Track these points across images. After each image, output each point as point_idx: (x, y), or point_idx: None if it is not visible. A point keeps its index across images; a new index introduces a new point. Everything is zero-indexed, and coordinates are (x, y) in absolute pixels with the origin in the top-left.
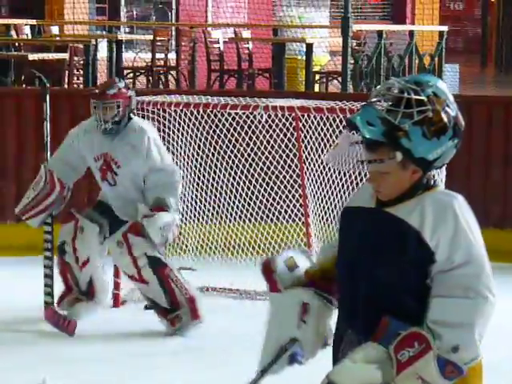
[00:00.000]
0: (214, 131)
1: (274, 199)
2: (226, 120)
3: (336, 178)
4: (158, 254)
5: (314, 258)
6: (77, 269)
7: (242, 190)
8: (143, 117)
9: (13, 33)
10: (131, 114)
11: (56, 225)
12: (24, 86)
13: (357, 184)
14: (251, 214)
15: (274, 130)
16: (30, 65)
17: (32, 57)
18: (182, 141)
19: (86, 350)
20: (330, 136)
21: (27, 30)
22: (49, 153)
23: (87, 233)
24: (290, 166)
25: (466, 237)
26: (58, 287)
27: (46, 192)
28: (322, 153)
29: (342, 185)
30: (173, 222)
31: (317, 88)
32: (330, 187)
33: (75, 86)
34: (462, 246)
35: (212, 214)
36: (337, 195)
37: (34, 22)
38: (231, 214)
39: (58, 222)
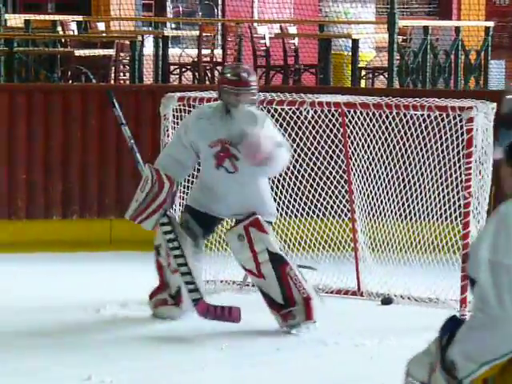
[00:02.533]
0: None
1: (320, 195)
2: (272, 116)
3: (382, 173)
4: (280, 250)
5: None
6: (169, 272)
7: (288, 185)
8: (190, 112)
9: (59, 29)
10: None
11: None
12: (70, 81)
13: (403, 180)
14: (297, 210)
15: (320, 126)
16: (76, 61)
17: (78, 53)
18: None
19: (130, 345)
20: (376, 132)
21: (73, 26)
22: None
23: (181, 243)
24: (336, 162)
25: None
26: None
27: (156, 191)
28: (369, 148)
29: (389, 180)
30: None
31: (363, 84)
32: (377, 183)
33: (121, 82)
34: None
35: None
36: (383, 191)
37: (80, 18)
38: (277, 210)
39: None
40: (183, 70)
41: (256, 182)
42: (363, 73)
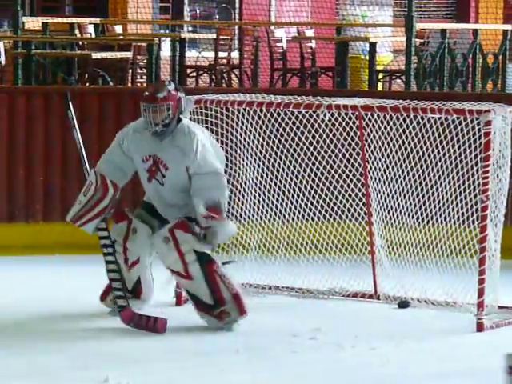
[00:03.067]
0: (277, 130)
1: (337, 198)
2: (289, 119)
3: (399, 176)
4: (206, 249)
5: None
6: (125, 269)
7: (305, 188)
8: (206, 115)
9: (76, 32)
10: (181, 116)
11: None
12: (87, 84)
13: (420, 183)
14: (314, 213)
15: (337, 129)
16: (93, 63)
17: (95, 56)
18: (244, 139)
19: (148, 348)
20: (394, 135)
21: (91, 28)
22: (85, 158)
23: (140, 234)
24: (353, 165)
25: None
26: (104, 283)
27: (99, 197)
28: (386, 151)
29: (406, 184)
30: (234, 232)
31: (380, 87)
32: (394, 186)
33: (138, 84)
34: None
35: (275, 213)
36: (400, 194)
37: (97, 20)
38: (294, 213)
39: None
40: (200, 72)
41: (185, 191)
42: (380, 76)
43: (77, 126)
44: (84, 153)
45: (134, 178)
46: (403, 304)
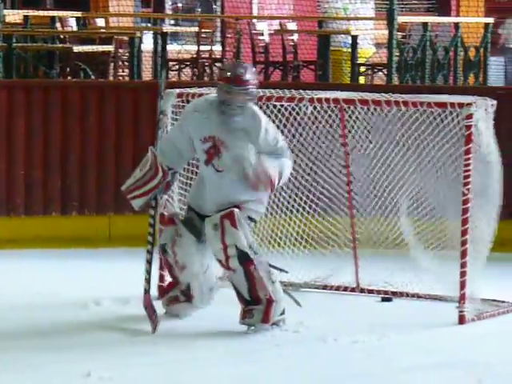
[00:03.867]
0: None
1: (319, 191)
2: (272, 112)
3: (382, 170)
4: (249, 249)
5: None
6: (178, 270)
7: (289, 181)
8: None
9: (58, 25)
10: None
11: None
12: (69, 77)
13: (403, 175)
14: (297, 206)
15: (320, 122)
16: (74, 57)
17: (77, 49)
18: None
19: (130, 342)
20: (376, 128)
21: (72, 22)
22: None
23: (185, 240)
24: (334, 158)
25: None
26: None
27: (151, 175)
28: (368, 144)
29: (387, 176)
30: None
31: (362, 80)
32: (378, 179)
33: (120, 78)
34: None
35: None
36: (381, 186)
37: (79, 14)
38: (277, 206)
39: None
40: (182, 66)
41: (237, 181)
42: (362, 69)
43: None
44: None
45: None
46: (386, 297)
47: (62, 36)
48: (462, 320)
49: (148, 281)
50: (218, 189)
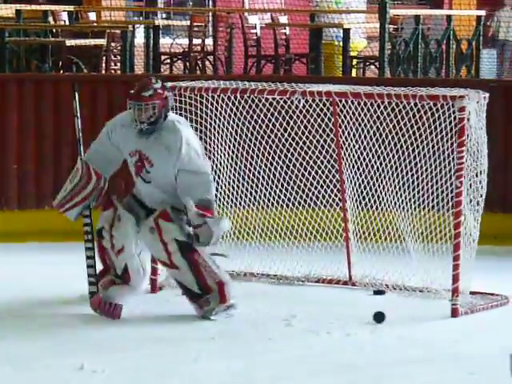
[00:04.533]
0: (252, 117)
1: (311, 184)
2: (264, 105)
3: (374, 163)
4: (188, 238)
5: None
6: (113, 254)
7: (280, 175)
8: (180, 102)
9: (50, 19)
10: (168, 113)
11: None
12: (61, 71)
13: (395, 169)
14: (288, 200)
15: (312, 115)
16: (67, 51)
17: (69, 43)
18: (219, 126)
19: (123, 335)
20: (368, 121)
21: (64, 16)
22: (81, 146)
23: (124, 222)
24: (327, 151)
25: None
26: (97, 268)
27: (82, 184)
28: (360, 138)
29: (378, 168)
30: (228, 227)
31: (354, 73)
32: (368, 172)
33: (112, 71)
34: None
35: (249, 200)
36: (375, 180)
37: (71, 8)
38: (268, 200)
39: (98, 208)
40: (174, 59)
41: (171, 187)
42: (354, 62)
43: (79, 115)
44: (81, 142)
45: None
46: (379, 291)
47: (54, 30)
48: (454, 313)
49: (92, 283)
50: (150, 196)
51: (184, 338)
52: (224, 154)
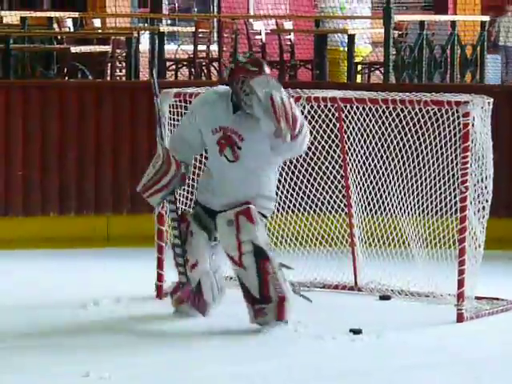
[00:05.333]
0: None
1: (316, 190)
2: None
3: (379, 168)
4: (265, 245)
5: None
6: (188, 269)
7: (285, 180)
8: (185, 108)
9: (55, 26)
10: None
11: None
12: (66, 78)
13: (400, 175)
14: (294, 205)
15: (317, 121)
16: (72, 57)
17: (74, 49)
18: None
19: (128, 341)
20: (373, 127)
21: (69, 22)
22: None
23: (196, 238)
24: (332, 157)
25: None
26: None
27: (164, 170)
28: (365, 143)
29: (383, 174)
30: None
31: (359, 79)
32: (375, 177)
33: (117, 78)
34: None
35: None
36: (380, 185)
37: (76, 14)
38: (274, 205)
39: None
40: (179, 66)
41: (257, 174)
42: (359, 68)
43: (158, 93)
44: (161, 123)
45: None
46: (385, 296)
47: (59, 37)
48: (460, 318)
49: (182, 273)
50: (228, 181)
51: (190, 344)
52: None
